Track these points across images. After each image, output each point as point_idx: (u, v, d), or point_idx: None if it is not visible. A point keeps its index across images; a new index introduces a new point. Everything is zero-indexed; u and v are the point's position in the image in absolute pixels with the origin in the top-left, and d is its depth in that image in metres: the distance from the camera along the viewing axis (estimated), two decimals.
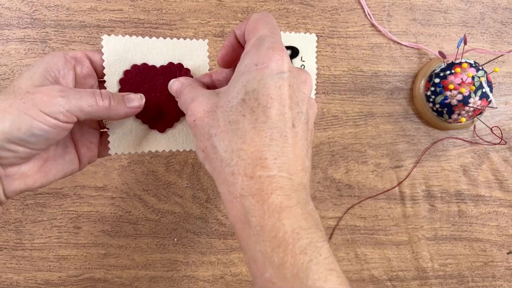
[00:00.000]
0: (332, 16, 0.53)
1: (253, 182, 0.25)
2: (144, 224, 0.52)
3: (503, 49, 0.56)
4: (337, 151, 0.54)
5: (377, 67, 0.54)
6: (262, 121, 0.26)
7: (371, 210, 0.55)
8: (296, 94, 0.27)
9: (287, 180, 0.26)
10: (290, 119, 0.27)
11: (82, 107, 0.30)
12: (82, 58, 0.33)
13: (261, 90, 0.26)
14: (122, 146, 0.36)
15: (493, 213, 0.56)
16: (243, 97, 0.26)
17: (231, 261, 0.53)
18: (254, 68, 0.27)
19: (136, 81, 0.35)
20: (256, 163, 0.26)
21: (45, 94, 0.29)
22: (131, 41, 0.35)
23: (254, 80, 0.26)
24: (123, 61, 0.35)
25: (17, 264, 0.51)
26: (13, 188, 0.31)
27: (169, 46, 0.36)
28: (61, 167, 0.34)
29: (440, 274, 0.55)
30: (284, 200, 0.25)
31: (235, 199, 0.26)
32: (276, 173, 0.26)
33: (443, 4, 0.55)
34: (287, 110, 0.27)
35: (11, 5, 0.50)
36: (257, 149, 0.26)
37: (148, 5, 0.51)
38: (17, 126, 0.28)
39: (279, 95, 0.26)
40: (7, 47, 0.50)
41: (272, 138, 0.26)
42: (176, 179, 0.52)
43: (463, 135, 0.56)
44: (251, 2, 0.52)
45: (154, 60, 0.36)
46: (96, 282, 0.52)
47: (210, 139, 0.27)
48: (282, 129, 0.26)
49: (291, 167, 0.26)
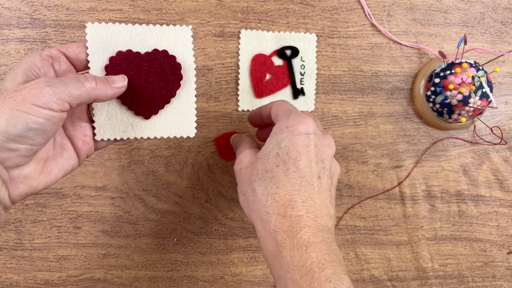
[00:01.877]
0: (332, 16, 0.53)
1: (284, 221, 0.30)
2: (144, 224, 0.52)
3: (503, 49, 0.56)
4: (337, 151, 0.54)
5: (377, 67, 0.54)
6: (292, 171, 0.31)
7: (371, 210, 0.55)
8: (320, 153, 0.33)
9: (314, 221, 0.30)
10: (316, 171, 0.32)
11: (71, 92, 0.31)
12: (57, 55, 0.34)
13: (291, 146, 0.32)
14: (108, 131, 0.36)
15: (493, 213, 0.56)
16: (277, 151, 0.32)
17: (231, 261, 0.53)
18: (286, 130, 0.33)
19: (121, 67, 0.36)
20: (287, 204, 0.30)
21: (33, 88, 0.29)
22: (114, 28, 0.36)
23: (286, 138, 0.32)
24: (107, 47, 0.35)
25: (17, 264, 0.51)
26: (19, 192, 0.32)
27: (153, 33, 0.36)
28: (61, 165, 0.34)
29: (440, 274, 0.55)
30: (311, 237, 0.30)
31: (269, 235, 0.30)
32: (304, 214, 0.30)
33: (443, 4, 0.55)
34: (313, 164, 0.32)
35: (11, 5, 0.50)
36: (288, 193, 0.31)
37: (148, 5, 0.51)
38: (12, 124, 0.28)
39: (306, 151, 0.32)
40: (7, 47, 0.50)
41: (301, 185, 0.31)
42: (176, 179, 0.52)
43: (463, 135, 0.56)
44: (251, 2, 0.52)
45: (138, 47, 0.36)
46: (96, 282, 0.52)
47: (251, 185, 0.32)
48: (309, 178, 0.31)
49: (317, 210, 0.31)
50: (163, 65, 0.37)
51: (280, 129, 0.33)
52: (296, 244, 0.29)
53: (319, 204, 0.31)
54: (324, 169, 0.33)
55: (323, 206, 0.32)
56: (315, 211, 0.31)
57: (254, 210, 0.32)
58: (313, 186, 0.31)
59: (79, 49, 0.35)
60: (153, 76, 0.37)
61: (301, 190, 0.31)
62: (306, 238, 0.29)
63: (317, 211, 0.31)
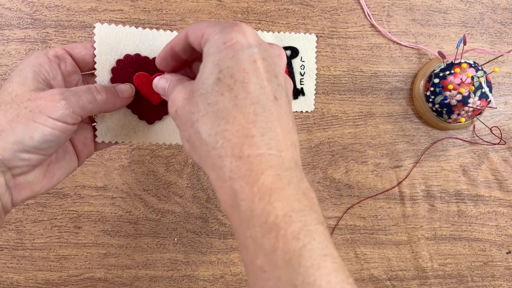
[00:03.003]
0: (332, 16, 0.54)
1: (242, 163, 0.24)
2: (144, 224, 0.52)
3: (503, 49, 0.56)
4: (337, 151, 0.54)
5: (377, 67, 0.54)
6: (242, 97, 0.25)
7: (370, 210, 0.55)
8: (272, 67, 0.26)
9: (277, 158, 0.24)
10: (271, 92, 0.25)
11: (84, 105, 0.30)
12: (63, 55, 0.33)
13: (235, 66, 0.25)
14: (109, 134, 0.36)
15: (493, 213, 0.56)
16: (217, 75, 0.25)
17: (231, 261, 0.53)
18: (223, 47, 0.25)
19: (128, 71, 0.35)
20: (243, 142, 0.24)
21: (48, 100, 0.29)
22: (123, 31, 0.35)
23: (226, 58, 0.25)
24: (115, 50, 0.35)
25: (17, 263, 0.51)
26: (21, 197, 0.32)
27: (162, 39, 0.36)
28: (64, 169, 0.34)
29: (440, 274, 0.55)
30: (274, 181, 0.24)
31: (224, 184, 0.25)
32: (265, 151, 0.24)
33: (442, 4, 0.55)
34: (266, 83, 0.25)
35: (11, 5, 0.50)
36: (242, 127, 0.24)
37: (148, 5, 0.51)
38: (29, 135, 0.28)
39: (255, 69, 0.25)
40: (8, 47, 0.50)
41: (256, 113, 0.25)
42: (176, 179, 0.52)
43: (462, 135, 0.56)
44: (251, 2, 0.52)
45: (147, 51, 0.36)
46: (97, 282, 0.52)
47: (193, 126, 0.26)
48: (264, 103, 0.25)
49: (280, 143, 0.25)
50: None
51: (215, 47, 0.25)
52: (257, 193, 0.23)
53: (281, 134, 0.25)
54: (279, 86, 0.26)
55: (285, 135, 0.25)
56: (277, 144, 0.25)
57: (204, 156, 0.26)
58: (270, 112, 0.25)
59: (86, 50, 0.34)
60: None
61: (257, 120, 0.24)
62: (268, 183, 0.24)
63: (280, 143, 0.25)
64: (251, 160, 0.24)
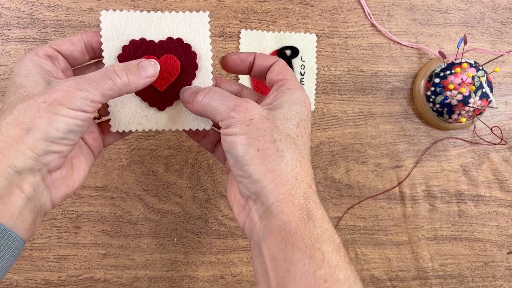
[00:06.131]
0: (332, 16, 0.53)
1: (311, 192, 0.31)
2: (144, 224, 0.52)
3: (503, 49, 0.56)
4: (337, 151, 0.54)
5: (377, 67, 0.54)
6: (307, 147, 0.32)
7: (371, 210, 0.55)
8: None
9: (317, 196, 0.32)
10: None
11: (103, 92, 0.30)
12: (53, 53, 0.33)
13: (307, 123, 0.33)
14: (122, 123, 0.36)
15: (493, 213, 0.56)
16: (298, 121, 0.32)
17: (231, 261, 0.53)
18: (303, 104, 0.33)
19: (134, 57, 0.34)
20: (311, 177, 0.31)
21: (65, 91, 0.29)
22: (128, 16, 0.34)
23: (304, 112, 0.33)
24: (121, 36, 0.34)
25: (17, 264, 0.51)
26: (60, 194, 0.32)
27: (168, 20, 0.35)
28: (85, 161, 0.35)
29: (440, 274, 0.55)
30: (325, 213, 0.31)
31: (296, 200, 0.30)
32: (315, 189, 0.32)
33: (443, 4, 0.55)
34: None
35: (11, 5, 0.50)
36: (309, 167, 0.32)
37: (148, 5, 0.51)
38: (54, 128, 0.29)
39: (309, 131, 0.34)
40: (7, 47, 0.50)
41: (309, 159, 0.32)
42: (176, 179, 0.52)
43: (463, 135, 0.56)
44: (251, 2, 0.52)
45: (153, 35, 0.35)
46: (96, 282, 0.52)
47: (274, 143, 0.30)
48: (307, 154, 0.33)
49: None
50: (177, 54, 0.35)
51: (298, 99, 0.33)
52: (326, 216, 0.30)
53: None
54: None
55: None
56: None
57: (277, 170, 0.30)
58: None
59: (73, 46, 0.34)
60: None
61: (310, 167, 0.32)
62: (326, 214, 0.31)
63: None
64: (315, 193, 0.31)
